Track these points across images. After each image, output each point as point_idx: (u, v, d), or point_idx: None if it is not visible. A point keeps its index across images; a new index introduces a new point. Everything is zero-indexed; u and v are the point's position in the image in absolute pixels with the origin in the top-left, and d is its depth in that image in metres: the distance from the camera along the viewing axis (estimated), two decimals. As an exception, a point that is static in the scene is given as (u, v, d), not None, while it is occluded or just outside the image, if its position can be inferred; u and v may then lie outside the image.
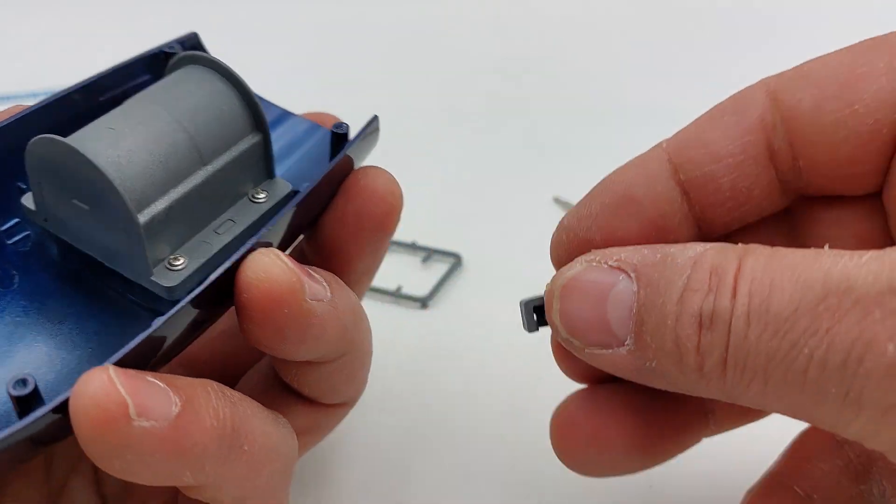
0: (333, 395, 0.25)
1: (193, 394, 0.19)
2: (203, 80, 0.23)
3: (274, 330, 0.21)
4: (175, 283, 0.21)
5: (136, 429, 0.18)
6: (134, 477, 0.19)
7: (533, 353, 0.37)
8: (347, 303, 0.23)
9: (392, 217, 0.25)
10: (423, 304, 0.39)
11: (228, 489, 0.21)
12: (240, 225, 0.23)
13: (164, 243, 0.22)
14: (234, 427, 0.20)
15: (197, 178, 0.22)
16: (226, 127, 0.23)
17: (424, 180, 0.51)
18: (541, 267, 0.42)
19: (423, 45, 0.71)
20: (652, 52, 0.67)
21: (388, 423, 0.33)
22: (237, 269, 0.21)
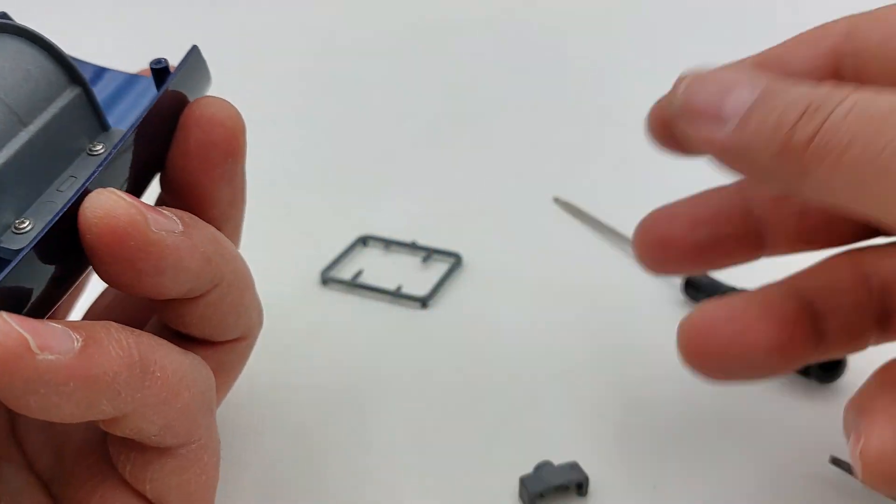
0: (223, 330, 0.26)
1: (93, 330, 0.20)
2: (4, 45, 0.23)
3: (125, 265, 0.21)
4: (22, 245, 0.21)
5: (42, 362, 0.19)
6: (54, 413, 0.20)
7: (534, 353, 0.37)
8: (205, 233, 0.23)
9: (237, 141, 0.25)
10: (423, 303, 0.39)
11: (150, 417, 0.22)
12: (81, 179, 0.23)
13: (4, 210, 0.22)
14: (141, 355, 0.21)
15: (20, 139, 0.22)
16: (38, 85, 0.23)
17: (425, 180, 0.51)
18: (539, 266, 0.42)
19: (424, 46, 0.71)
20: (652, 53, 0.68)
21: (388, 421, 0.33)
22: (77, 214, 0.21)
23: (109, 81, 0.27)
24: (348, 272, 0.42)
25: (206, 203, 0.25)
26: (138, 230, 0.21)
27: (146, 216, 0.21)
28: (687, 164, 0.53)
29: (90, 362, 0.20)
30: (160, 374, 0.21)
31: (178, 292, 0.23)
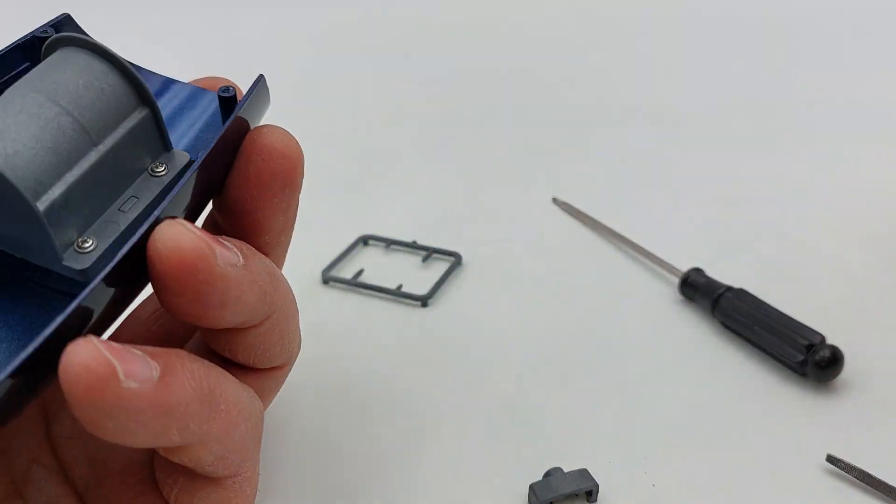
0: (267, 358, 0.26)
1: (168, 358, 0.21)
2: (79, 62, 0.23)
3: (191, 298, 0.21)
4: (87, 265, 0.22)
5: (126, 389, 0.19)
6: (127, 438, 0.20)
7: (533, 351, 0.37)
8: (262, 266, 0.24)
9: (296, 171, 0.25)
10: (424, 302, 0.40)
11: (210, 447, 0.22)
12: (143, 200, 0.23)
13: (69, 227, 0.22)
14: (210, 387, 0.21)
15: (90, 159, 0.22)
16: (110, 105, 0.23)
17: (425, 181, 0.51)
18: (538, 266, 0.43)
19: (425, 49, 0.71)
20: (650, 56, 0.68)
21: (388, 419, 0.34)
22: (146, 243, 0.21)
23: (175, 94, 0.28)
24: (349, 271, 0.42)
25: (259, 229, 0.25)
26: (207, 264, 0.21)
27: (215, 250, 0.21)
28: (686, 164, 0.53)
29: (167, 392, 0.20)
30: (224, 406, 0.22)
31: (233, 323, 0.23)
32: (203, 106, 0.27)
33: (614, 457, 0.31)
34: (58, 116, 0.22)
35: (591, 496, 0.30)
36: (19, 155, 0.21)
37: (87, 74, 0.23)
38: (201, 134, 0.27)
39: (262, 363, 0.26)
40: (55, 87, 0.22)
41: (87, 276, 0.22)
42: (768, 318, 0.35)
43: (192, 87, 0.28)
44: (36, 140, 0.21)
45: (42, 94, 0.22)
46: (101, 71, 0.23)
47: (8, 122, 0.21)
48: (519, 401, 0.34)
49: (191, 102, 0.27)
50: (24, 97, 0.22)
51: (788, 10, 0.74)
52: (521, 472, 0.31)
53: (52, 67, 0.23)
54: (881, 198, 0.47)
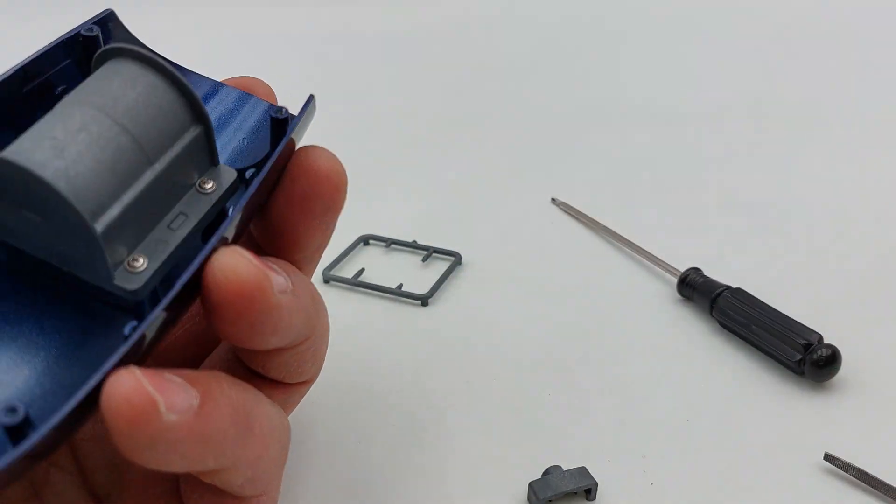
0: (298, 375, 0.26)
1: (208, 385, 0.21)
2: (136, 77, 0.22)
3: (246, 326, 0.21)
4: (138, 286, 0.21)
5: (166, 422, 0.19)
6: (163, 465, 0.20)
7: (532, 350, 0.37)
8: (306, 289, 0.24)
9: (339, 195, 0.25)
10: (424, 301, 0.40)
11: (242, 470, 0.22)
12: (192, 218, 0.23)
13: (121, 246, 0.21)
14: (246, 413, 0.21)
15: (146, 178, 0.22)
16: (167, 123, 0.22)
17: (426, 181, 0.51)
18: (537, 266, 0.43)
19: (425, 49, 0.71)
20: (650, 56, 0.68)
21: (388, 418, 0.34)
22: (202, 269, 0.21)
23: (220, 100, 0.27)
24: (350, 271, 0.42)
25: (297, 247, 0.25)
26: (264, 294, 0.21)
27: (271, 280, 0.21)
28: (685, 164, 0.54)
29: (206, 421, 0.20)
30: (258, 430, 0.22)
31: (277, 346, 0.23)
32: (246, 112, 0.27)
33: (613, 455, 0.31)
34: (117, 136, 0.21)
35: (590, 494, 0.30)
36: (80, 176, 0.20)
37: (146, 92, 0.22)
38: (245, 143, 0.27)
39: (291, 379, 0.26)
40: (114, 105, 0.22)
41: (138, 296, 0.21)
42: (766, 318, 0.35)
43: (237, 91, 0.27)
44: (96, 160, 0.21)
45: (102, 112, 0.21)
46: (160, 88, 0.22)
47: (68, 140, 0.21)
48: (518, 399, 0.34)
49: (235, 109, 0.27)
50: (84, 113, 0.21)
51: (788, 10, 0.74)
52: (521, 470, 0.31)
53: (109, 81, 0.22)
54: (880, 197, 0.47)
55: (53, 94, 0.25)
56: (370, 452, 0.32)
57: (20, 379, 0.22)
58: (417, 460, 0.32)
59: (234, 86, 0.28)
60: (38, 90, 0.25)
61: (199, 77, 0.28)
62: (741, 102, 0.59)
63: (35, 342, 0.23)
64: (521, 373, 0.36)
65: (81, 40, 0.25)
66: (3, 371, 0.22)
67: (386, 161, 0.54)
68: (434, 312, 0.40)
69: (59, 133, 0.21)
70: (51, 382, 0.22)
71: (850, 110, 0.57)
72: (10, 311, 0.23)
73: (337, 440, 0.33)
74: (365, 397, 0.35)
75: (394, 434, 0.33)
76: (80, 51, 0.26)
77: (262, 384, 0.25)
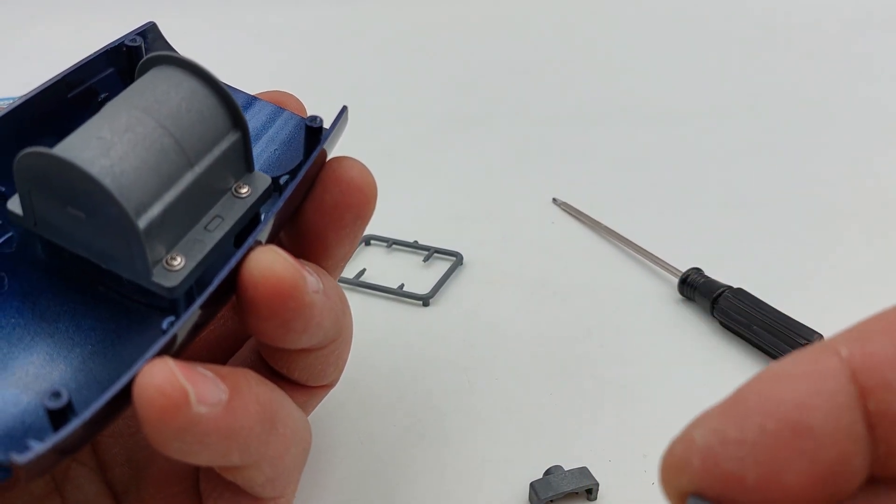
0: (321, 378, 0.26)
1: (236, 381, 0.21)
2: (180, 82, 0.23)
3: (280, 323, 0.22)
4: (175, 283, 0.22)
5: (196, 414, 0.19)
6: (190, 457, 0.20)
7: (533, 350, 0.37)
8: (336, 291, 0.24)
9: (369, 206, 0.26)
10: (425, 301, 0.40)
11: (264, 468, 0.22)
12: (228, 221, 0.24)
13: (160, 244, 0.22)
14: (272, 410, 0.22)
15: (186, 180, 0.22)
16: (208, 128, 0.23)
17: (427, 181, 0.51)
18: (539, 266, 0.43)
19: (425, 49, 0.71)
20: (650, 56, 0.68)
21: (390, 418, 0.34)
22: (238, 268, 0.22)
23: (255, 112, 0.28)
24: (351, 271, 0.42)
25: (325, 255, 0.26)
26: (299, 293, 0.21)
27: (306, 279, 0.22)
28: (685, 164, 0.54)
29: (233, 416, 0.20)
30: (282, 430, 0.22)
31: (306, 346, 0.24)
32: (279, 125, 0.28)
33: (614, 455, 0.32)
34: (161, 138, 0.22)
35: (591, 494, 0.30)
36: (126, 174, 0.21)
37: (189, 97, 0.23)
38: (278, 154, 0.27)
39: (314, 382, 0.26)
40: (159, 108, 0.22)
41: (174, 294, 0.22)
42: (767, 318, 0.35)
43: (270, 106, 0.28)
44: (141, 160, 0.21)
45: (147, 114, 0.22)
46: (203, 94, 0.23)
47: (115, 140, 0.21)
48: (519, 399, 0.35)
49: (269, 121, 0.28)
50: (130, 115, 0.22)
51: (788, 10, 0.74)
52: (522, 470, 0.31)
53: (154, 86, 0.23)
54: (880, 196, 0.47)
55: (96, 100, 0.26)
56: (371, 452, 0.32)
57: (56, 373, 0.23)
58: (418, 460, 0.32)
59: (267, 99, 0.28)
60: (81, 96, 0.26)
61: (235, 90, 0.28)
62: (741, 103, 0.59)
63: (71, 338, 0.24)
64: (522, 373, 0.36)
65: (125, 50, 0.26)
66: (40, 365, 0.23)
67: (387, 161, 0.54)
68: (435, 312, 0.40)
69: (106, 133, 0.21)
70: (85, 377, 0.23)
71: (850, 110, 0.57)
72: (47, 308, 0.24)
73: (338, 440, 0.33)
74: (366, 397, 0.35)
75: (395, 434, 0.33)
76: (124, 60, 0.27)
77: (285, 386, 0.25)
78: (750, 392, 0.15)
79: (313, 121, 0.26)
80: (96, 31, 0.72)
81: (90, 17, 0.74)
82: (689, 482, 0.16)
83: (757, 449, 0.15)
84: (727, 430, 0.15)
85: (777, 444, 0.15)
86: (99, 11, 0.76)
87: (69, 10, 0.76)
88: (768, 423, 0.15)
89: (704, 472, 0.15)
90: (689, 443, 0.16)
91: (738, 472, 0.15)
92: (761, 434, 0.15)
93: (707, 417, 0.16)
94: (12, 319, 0.24)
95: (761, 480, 0.15)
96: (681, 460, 0.16)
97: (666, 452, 0.16)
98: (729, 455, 0.15)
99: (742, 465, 0.15)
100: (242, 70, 0.56)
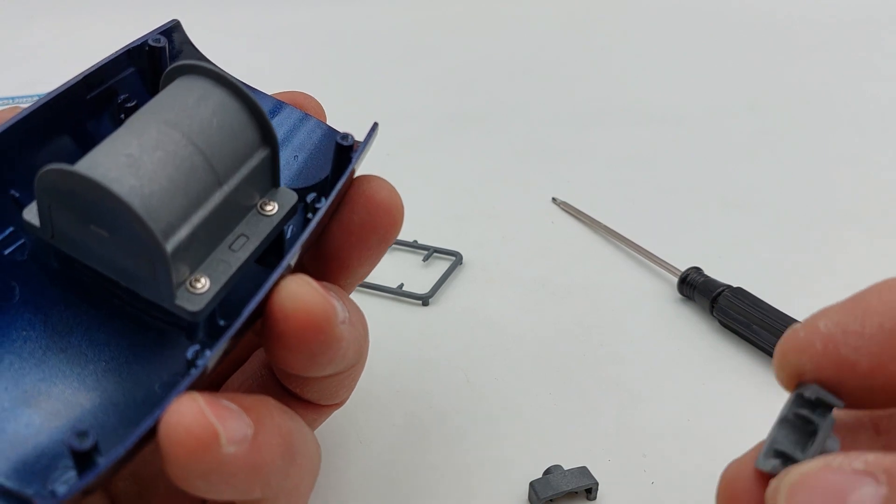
0: (333, 398, 0.26)
1: (260, 413, 0.20)
2: (210, 95, 0.22)
3: (307, 355, 0.21)
4: (199, 308, 0.21)
5: (224, 454, 0.19)
6: (212, 494, 0.19)
7: (532, 349, 0.37)
8: (359, 317, 0.24)
9: (395, 228, 0.25)
10: (425, 301, 0.40)
11: (281, 500, 0.22)
12: (253, 240, 0.23)
13: (185, 266, 0.21)
14: (292, 440, 0.21)
15: (214, 200, 0.21)
16: (238, 144, 0.22)
17: (426, 181, 0.51)
18: (538, 265, 0.43)
19: (425, 49, 0.71)
20: (650, 56, 0.68)
21: (390, 418, 0.34)
22: (268, 296, 0.21)
23: (282, 120, 0.27)
24: (350, 270, 0.42)
25: (346, 274, 0.25)
26: (330, 325, 0.21)
27: (336, 311, 0.21)
28: (685, 164, 0.54)
29: (258, 452, 0.20)
30: (300, 461, 0.22)
31: (329, 373, 0.23)
32: (306, 133, 0.27)
33: (614, 455, 0.32)
34: (192, 156, 0.21)
35: (591, 494, 0.30)
36: (155, 195, 0.20)
37: (219, 111, 0.22)
38: (305, 162, 0.27)
39: (325, 401, 0.26)
40: (189, 123, 0.21)
41: (197, 318, 0.21)
42: (766, 317, 0.35)
43: (297, 112, 0.27)
44: (171, 180, 0.20)
45: (177, 130, 0.21)
46: (233, 108, 0.22)
47: (143, 157, 0.20)
48: (519, 399, 0.35)
49: (295, 129, 0.27)
50: (160, 130, 0.21)
51: (788, 10, 0.74)
52: (521, 469, 0.31)
53: (182, 98, 0.22)
54: (880, 196, 0.47)
55: (116, 100, 0.25)
56: (370, 452, 0.32)
57: (69, 391, 0.22)
58: (418, 460, 0.32)
59: (286, 100, 0.28)
60: (101, 97, 0.25)
61: (261, 94, 0.27)
62: (741, 102, 0.59)
63: (84, 353, 0.23)
64: (522, 372, 0.36)
65: (147, 49, 0.25)
66: (52, 382, 0.22)
67: (386, 161, 0.54)
68: (435, 312, 0.40)
69: (135, 150, 0.20)
70: (100, 398, 0.22)
71: (851, 110, 0.57)
72: (60, 321, 0.23)
73: (337, 440, 0.33)
74: (365, 397, 0.35)
75: (394, 434, 0.33)
76: (146, 60, 0.25)
77: (296, 405, 0.25)
78: (872, 294, 0.18)
79: (345, 139, 0.25)
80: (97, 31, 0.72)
81: (91, 17, 0.74)
82: (809, 361, 0.18)
83: (873, 341, 0.17)
84: (849, 323, 0.18)
85: (891, 340, 0.17)
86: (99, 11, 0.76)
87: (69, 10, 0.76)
88: (886, 322, 0.17)
89: (825, 354, 0.18)
90: (814, 329, 0.18)
91: (854, 358, 0.17)
92: (879, 330, 0.17)
93: (831, 311, 0.18)
94: (24, 332, 0.23)
95: (872, 368, 0.17)
96: (805, 342, 0.18)
97: (786, 336, 0.19)
98: (849, 343, 0.18)
99: (858, 354, 0.17)
100: (241, 70, 0.56)
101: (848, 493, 0.16)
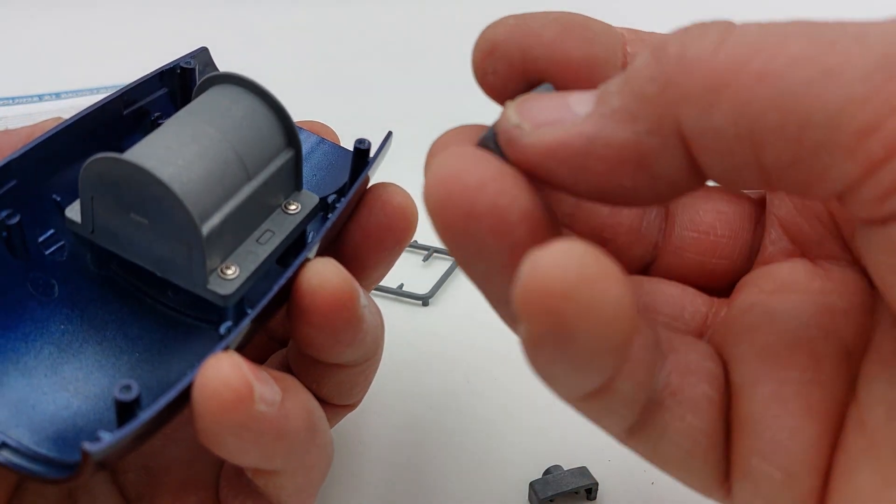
0: (348, 396, 0.27)
1: (287, 385, 0.21)
2: (241, 99, 0.24)
3: (329, 332, 0.22)
4: (230, 292, 0.23)
5: (257, 412, 0.19)
6: (239, 457, 0.20)
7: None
8: (377, 310, 0.25)
9: (410, 231, 0.26)
10: (425, 301, 0.40)
11: (298, 477, 0.23)
12: (278, 235, 0.24)
13: (217, 254, 0.23)
14: (314, 418, 0.22)
15: (244, 192, 0.23)
16: (266, 143, 0.24)
17: (425, 181, 0.51)
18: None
19: (424, 48, 0.71)
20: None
21: (389, 418, 0.34)
22: (290, 282, 0.22)
23: (303, 141, 0.29)
24: (350, 270, 0.42)
25: (362, 276, 0.26)
26: (353, 303, 0.22)
27: (359, 291, 0.22)
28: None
29: (286, 418, 0.20)
30: (319, 440, 0.23)
31: (346, 360, 0.24)
32: (322, 153, 0.29)
33: (614, 455, 0.32)
34: (224, 150, 0.23)
35: (591, 494, 0.30)
36: (192, 182, 0.22)
37: (249, 113, 0.24)
38: (322, 179, 0.29)
39: (340, 400, 0.26)
40: (222, 121, 0.23)
41: (228, 302, 0.23)
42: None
43: (314, 136, 0.30)
44: (206, 169, 0.22)
45: (213, 127, 0.23)
46: (262, 111, 0.24)
47: (182, 149, 0.22)
48: (519, 399, 0.34)
49: (312, 150, 0.29)
50: (196, 127, 0.23)
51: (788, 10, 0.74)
52: (521, 469, 0.31)
53: (216, 101, 0.24)
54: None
55: (148, 119, 0.27)
56: (370, 452, 0.32)
57: (105, 378, 0.24)
58: (417, 460, 0.32)
59: (306, 129, 0.30)
60: (135, 115, 0.27)
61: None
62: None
63: (119, 346, 0.25)
64: (522, 372, 0.36)
65: (179, 72, 0.28)
66: (89, 370, 0.24)
67: (386, 160, 0.54)
68: (435, 312, 0.40)
69: (173, 142, 0.22)
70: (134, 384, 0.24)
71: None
72: (95, 316, 0.25)
73: (337, 440, 0.33)
74: (365, 397, 0.35)
75: (394, 434, 0.33)
76: (177, 81, 0.28)
77: None
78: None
79: (361, 143, 0.27)
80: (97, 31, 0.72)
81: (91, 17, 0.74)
82: (502, 32, 0.22)
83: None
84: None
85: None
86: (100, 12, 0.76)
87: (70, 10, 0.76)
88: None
89: (515, 26, 0.21)
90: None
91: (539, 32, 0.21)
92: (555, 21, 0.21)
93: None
94: (62, 326, 0.25)
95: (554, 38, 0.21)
96: (495, 28, 0.22)
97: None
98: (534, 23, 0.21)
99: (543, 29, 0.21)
100: (238, 69, 0.56)
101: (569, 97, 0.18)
